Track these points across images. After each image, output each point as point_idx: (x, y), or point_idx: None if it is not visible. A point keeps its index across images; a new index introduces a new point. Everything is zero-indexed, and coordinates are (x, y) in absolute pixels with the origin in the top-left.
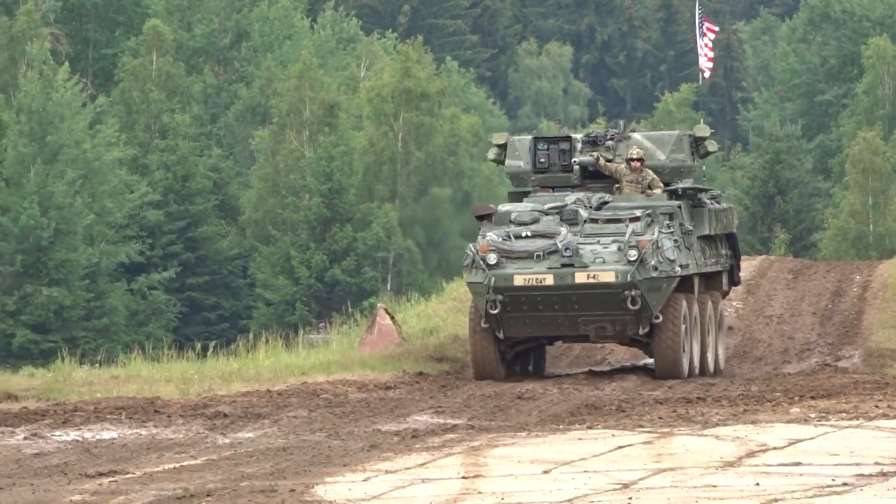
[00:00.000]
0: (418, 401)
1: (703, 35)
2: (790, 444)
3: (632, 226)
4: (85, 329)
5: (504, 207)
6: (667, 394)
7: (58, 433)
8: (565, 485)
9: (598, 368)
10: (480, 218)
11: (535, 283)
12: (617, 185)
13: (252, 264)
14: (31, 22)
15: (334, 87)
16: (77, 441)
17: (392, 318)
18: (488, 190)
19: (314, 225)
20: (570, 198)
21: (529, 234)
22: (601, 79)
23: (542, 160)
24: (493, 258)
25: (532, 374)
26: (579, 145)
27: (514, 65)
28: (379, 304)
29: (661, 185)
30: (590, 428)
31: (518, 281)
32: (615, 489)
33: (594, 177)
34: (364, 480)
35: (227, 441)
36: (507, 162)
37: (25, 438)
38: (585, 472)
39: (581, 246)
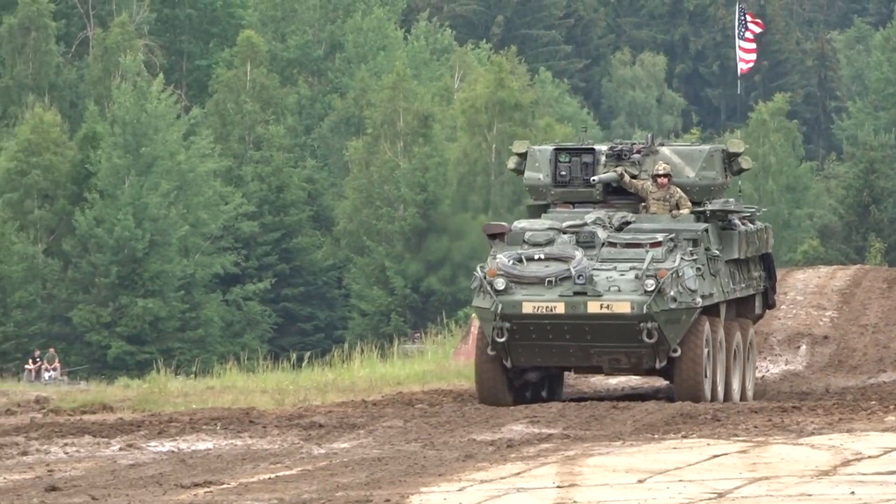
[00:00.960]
0: (513, 410)
1: (743, 33)
2: (885, 453)
3: (652, 252)
4: (180, 340)
5: (519, 225)
6: (761, 403)
7: (153, 444)
8: (660, 494)
9: None
10: (493, 237)
11: (544, 311)
12: (643, 204)
13: (347, 275)
14: (125, 34)
15: (428, 98)
16: (172, 452)
17: None
18: None
19: (409, 235)
20: (590, 216)
21: (542, 256)
22: (695, 89)
23: (563, 173)
24: (500, 283)
25: (547, 399)
26: (603, 158)
27: (608, 75)
28: (474, 314)
29: (690, 204)
30: (685, 437)
31: (527, 308)
32: (710, 498)
33: (618, 192)
34: (459, 490)
35: (322, 451)
36: (527, 173)
37: (121, 449)
38: (680, 481)
39: (596, 272)
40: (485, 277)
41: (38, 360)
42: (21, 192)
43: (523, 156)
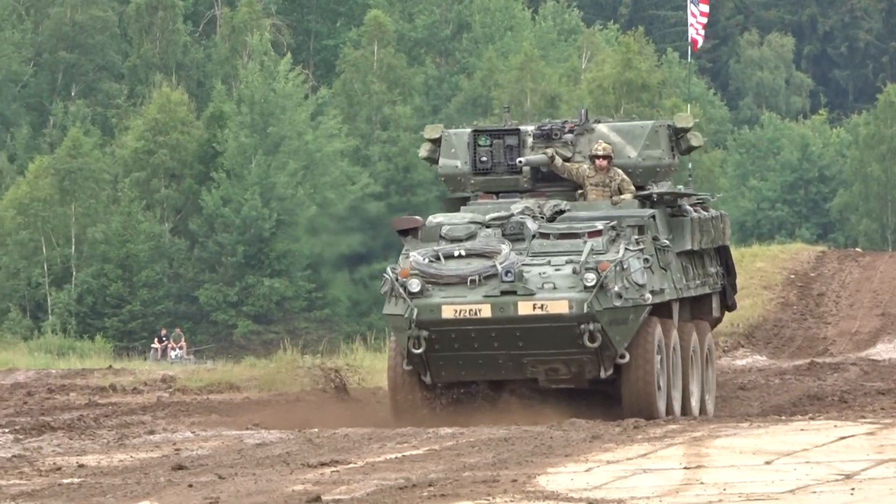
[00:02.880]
0: None
1: (698, 2)
2: None
3: (591, 242)
4: (306, 320)
5: (435, 220)
6: (889, 385)
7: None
8: (787, 475)
9: (819, 360)
10: (403, 233)
11: (467, 315)
12: (579, 191)
13: None
14: (253, 13)
15: (555, 79)
16: (299, 431)
17: None
18: (710, 182)
19: None
20: (518, 207)
21: (463, 253)
22: (823, 69)
23: (484, 158)
24: (415, 285)
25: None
26: (530, 140)
27: (736, 55)
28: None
29: (633, 188)
30: (812, 419)
31: (447, 313)
32: (837, 480)
33: (549, 179)
34: (586, 471)
35: (448, 431)
36: (441, 161)
37: (248, 429)
38: (807, 462)
39: (526, 268)
40: (396, 279)
41: (164, 339)
42: (148, 172)
43: (437, 142)
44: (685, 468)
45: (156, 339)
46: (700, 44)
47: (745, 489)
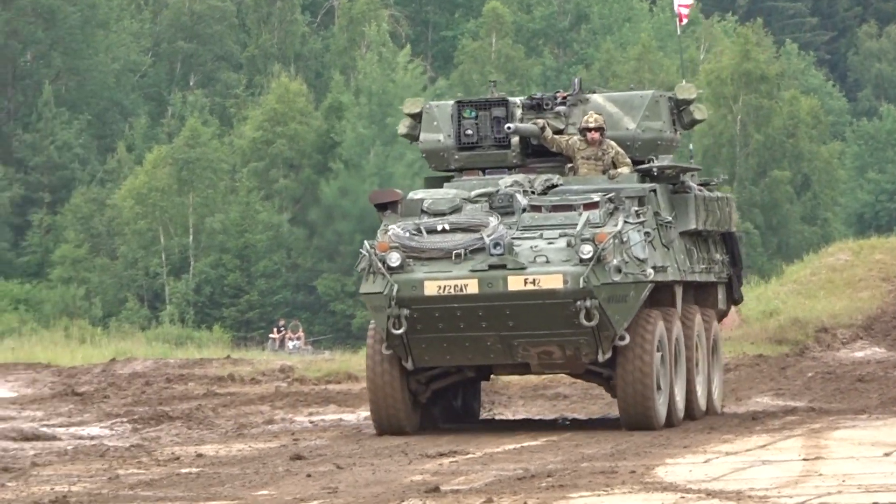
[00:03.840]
0: (758, 382)
1: None
2: None
3: (587, 214)
4: None
5: (416, 195)
6: None
7: None
8: None
9: None
10: (382, 207)
11: (452, 291)
12: (570, 165)
13: None
14: (371, 4)
15: (673, 70)
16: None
17: None
18: (828, 173)
19: None
20: (506, 181)
21: (447, 226)
22: None
23: (469, 131)
24: (395, 259)
25: (462, 418)
26: (518, 112)
27: (854, 47)
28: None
29: (630, 162)
30: None
31: (430, 289)
32: None
33: (540, 154)
34: (704, 462)
35: (567, 422)
36: (423, 136)
37: (366, 419)
38: None
39: (517, 241)
40: (375, 254)
41: (282, 329)
42: (266, 162)
43: (417, 117)
44: (804, 459)
45: (274, 330)
46: (685, 19)
47: (864, 481)
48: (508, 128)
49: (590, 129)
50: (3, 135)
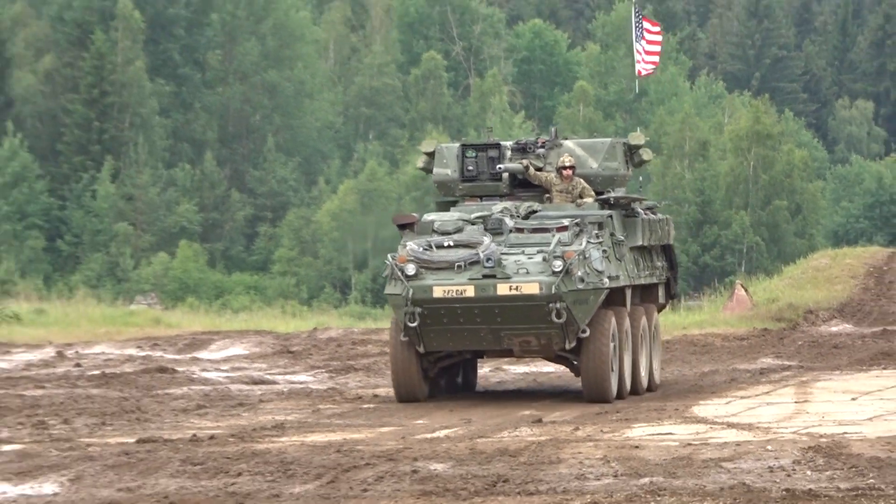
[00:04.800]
0: (764, 348)
1: (640, 37)
2: None
3: (558, 235)
4: None
5: (429, 217)
6: None
7: (513, 367)
8: (867, 408)
9: (890, 328)
10: (402, 227)
11: (455, 294)
12: (547, 195)
13: None
14: (496, 82)
15: (706, 129)
16: (527, 373)
17: (746, 290)
18: (813, 203)
19: (691, 225)
20: (498, 207)
21: (451, 243)
22: (894, 125)
23: (471, 168)
24: (411, 269)
25: (461, 389)
26: (508, 153)
27: (833, 114)
28: (737, 281)
29: (593, 193)
30: (884, 369)
31: (437, 293)
32: None
33: (524, 185)
34: (726, 403)
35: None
36: (435, 170)
37: (490, 370)
38: (882, 399)
39: (505, 256)
40: (396, 264)
41: None
42: (423, 191)
43: (432, 154)
44: (795, 402)
45: None
46: (648, 72)
47: (838, 417)
48: (499, 168)
49: (565, 168)
50: (240, 172)
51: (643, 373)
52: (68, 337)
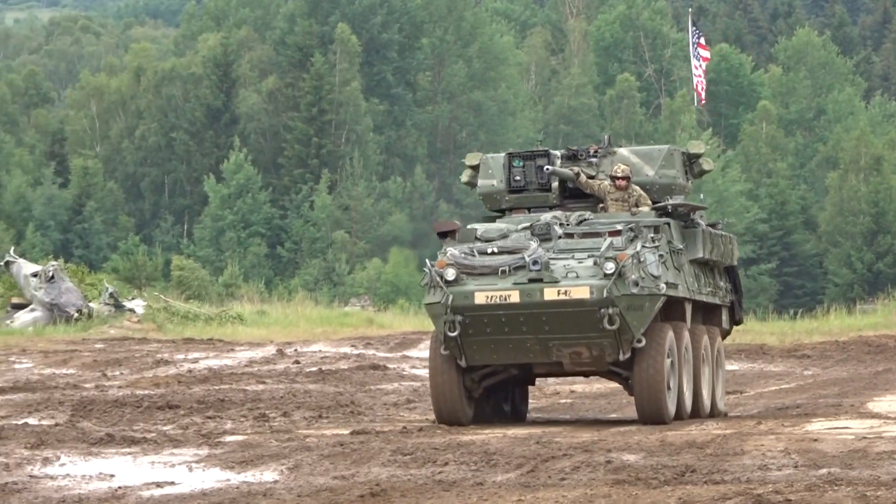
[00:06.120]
0: None
1: (696, 56)
2: None
3: (611, 239)
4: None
5: (472, 225)
6: None
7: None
8: None
9: None
10: (443, 235)
11: (498, 300)
12: (601, 206)
13: (826, 260)
14: (684, 102)
15: (880, 146)
16: None
17: None
18: None
19: (866, 235)
20: (547, 216)
21: (496, 249)
22: None
23: (518, 178)
24: (451, 274)
25: (509, 417)
26: (559, 161)
27: None
28: None
29: (650, 202)
30: None
31: (479, 298)
32: None
33: (575, 196)
34: None
35: (809, 373)
36: (480, 182)
37: None
38: None
39: (553, 261)
40: (435, 270)
41: None
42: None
43: (477, 168)
44: None
45: None
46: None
47: None
48: (547, 169)
49: (618, 178)
50: (447, 184)
51: (705, 395)
52: (288, 336)
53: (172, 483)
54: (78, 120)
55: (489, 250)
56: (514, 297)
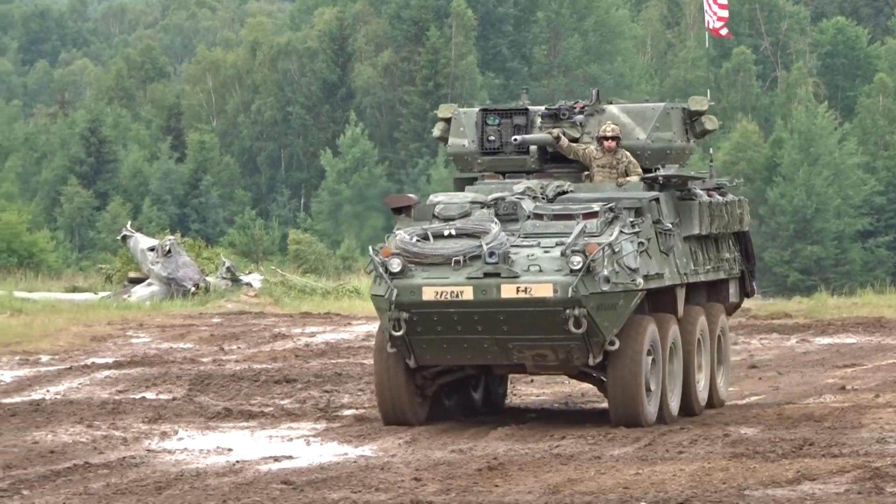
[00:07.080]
0: None
1: None
2: None
3: (584, 223)
4: (834, 272)
5: (435, 198)
6: None
7: (818, 339)
8: None
9: None
10: (398, 211)
11: (449, 297)
12: (586, 173)
13: None
14: (801, 75)
15: None
16: (831, 344)
17: None
18: None
19: None
20: (520, 186)
21: (454, 232)
22: None
23: (492, 138)
24: (396, 265)
25: (481, 410)
26: (539, 120)
27: None
28: None
29: (640, 171)
30: None
31: (428, 294)
32: None
33: (558, 160)
34: None
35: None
36: (451, 140)
37: (797, 342)
38: None
39: (515, 249)
40: (378, 259)
41: None
42: (731, 176)
43: (449, 121)
44: None
45: None
46: (721, 31)
47: None
48: (514, 139)
49: (606, 138)
50: None
51: (700, 388)
52: None
53: (290, 457)
54: (194, 94)
55: (446, 232)
56: (468, 293)
